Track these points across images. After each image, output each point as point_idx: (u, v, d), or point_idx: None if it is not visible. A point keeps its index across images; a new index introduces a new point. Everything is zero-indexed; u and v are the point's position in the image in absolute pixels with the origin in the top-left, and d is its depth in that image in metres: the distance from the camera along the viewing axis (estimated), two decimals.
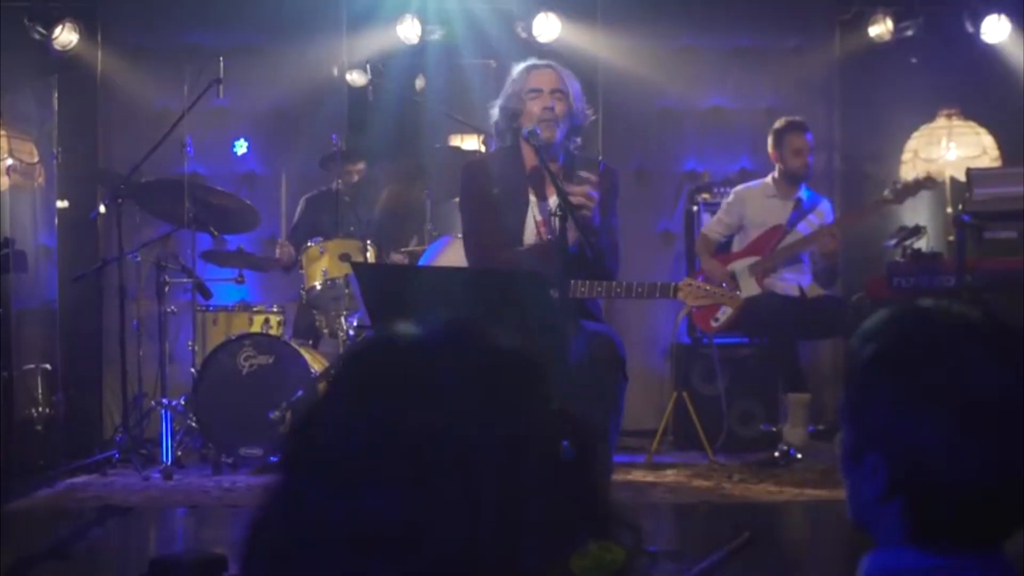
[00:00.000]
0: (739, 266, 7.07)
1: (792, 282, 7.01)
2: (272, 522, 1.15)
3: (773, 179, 7.23)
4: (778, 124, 7.23)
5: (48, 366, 7.52)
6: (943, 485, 1.49)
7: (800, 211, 7.12)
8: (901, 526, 1.52)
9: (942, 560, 1.50)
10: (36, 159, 7.89)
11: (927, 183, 7.07)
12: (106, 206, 7.23)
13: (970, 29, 8.30)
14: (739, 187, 7.41)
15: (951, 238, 7.48)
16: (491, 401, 1.13)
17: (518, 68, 5.16)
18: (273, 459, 6.69)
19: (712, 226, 7.38)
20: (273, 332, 7.23)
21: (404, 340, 1.18)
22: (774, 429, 7.12)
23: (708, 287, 4.89)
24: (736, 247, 7.25)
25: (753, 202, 7.22)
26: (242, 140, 7.92)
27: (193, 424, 6.99)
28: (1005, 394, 1.48)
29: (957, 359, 1.50)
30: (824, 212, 7.22)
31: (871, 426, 1.55)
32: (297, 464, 1.16)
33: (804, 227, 7.09)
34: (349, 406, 1.15)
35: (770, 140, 7.24)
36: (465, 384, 1.13)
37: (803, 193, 7.18)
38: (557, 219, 4.53)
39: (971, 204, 7.08)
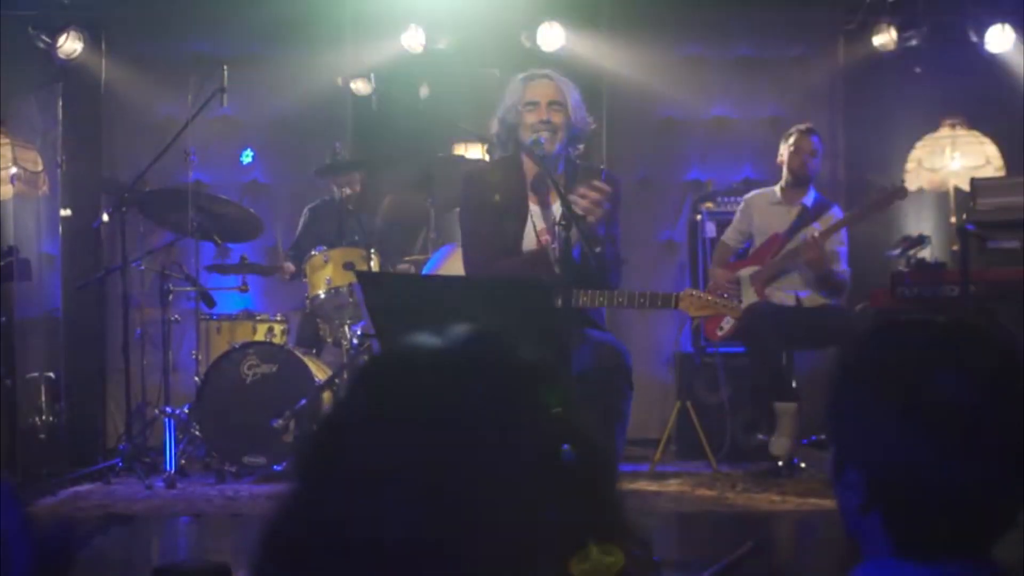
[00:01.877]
0: (743, 274, 7.07)
1: (790, 291, 6.99)
2: (287, 530, 1.15)
3: (781, 187, 7.21)
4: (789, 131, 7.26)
5: (51, 374, 7.53)
6: (917, 496, 1.50)
7: (804, 218, 7.07)
8: (884, 537, 1.52)
9: (926, 570, 1.50)
10: (40, 167, 7.90)
11: (898, 195, 7.02)
12: (110, 215, 7.23)
13: (974, 39, 8.30)
14: (749, 194, 7.40)
15: (955, 248, 7.47)
16: (513, 413, 1.13)
17: (515, 79, 5.17)
18: (277, 468, 6.69)
19: (729, 233, 7.38)
20: (277, 341, 7.23)
21: (425, 351, 1.18)
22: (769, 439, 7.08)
23: (710, 297, 4.88)
24: (749, 255, 7.26)
25: (759, 209, 7.22)
26: (248, 150, 7.92)
27: (196, 433, 6.99)
28: (974, 405, 1.48)
29: (925, 373, 1.51)
30: (833, 218, 7.14)
31: (847, 439, 1.57)
32: (316, 473, 1.16)
33: (807, 235, 7.04)
34: (370, 417, 1.15)
35: (780, 146, 7.25)
36: (487, 396, 1.13)
37: (809, 200, 7.15)
38: (561, 228, 4.53)
39: (975, 214, 7.07)
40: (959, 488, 1.48)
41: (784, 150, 7.17)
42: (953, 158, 8.24)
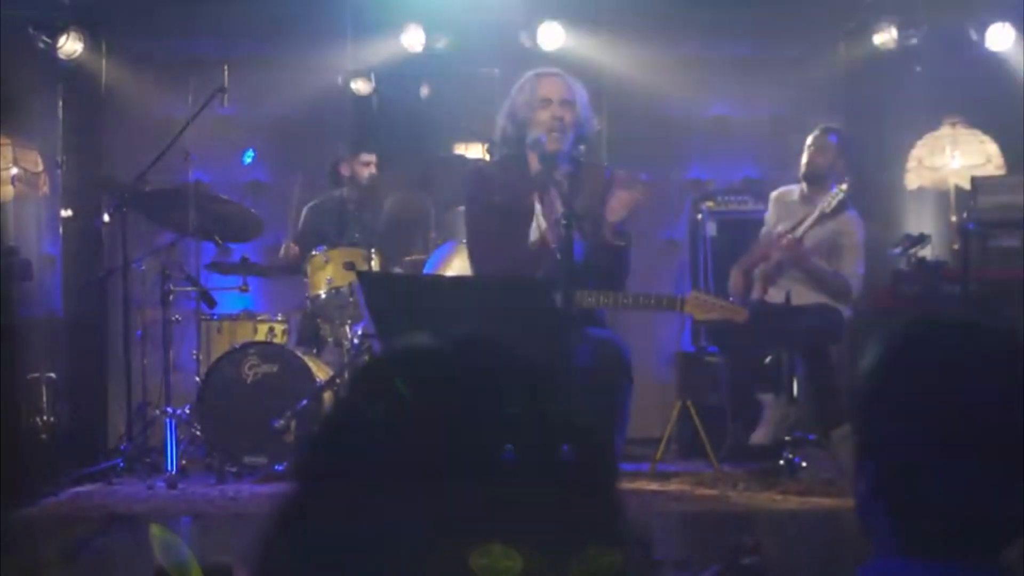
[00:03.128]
0: (757, 272, 7.02)
1: (783, 289, 6.95)
2: (288, 531, 1.15)
3: (803, 183, 7.14)
4: None
5: (52, 375, 7.52)
6: (924, 495, 1.49)
7: (816, 218, 7.00)
8: (889, 529, 1.53)
9: (928, 570, 1.50)
10: (40, 168, 7.91)
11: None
12: (110, 215, 7.23)
13: (975, 37, 8.30)
14: (775, 191, 7.32)
15: (956, 246, 7.47)
16: (511, 410, 1.13)
17: (526, 76, 5.15)
18: (278, 468, 6.69)
19: (763, 231, 7.29)
20: (277, 341, 7.23)
21: (425, 352, 1.18)
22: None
23: (715, 301, 4.87)
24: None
25: (777, 207, 7.15)
26: (249, 150, 7.92)
27: (197, 433, 6.98)
28: (989, 410, 1.49)
29: (945, 374, 1.51)
30: (847, 221, 7.00)
31: (865, 433, 1.57)
32: (317, 473, 1.16)
33: (818, 235, 6.96)
34: (371, 418, 1.15)
35: None
36: (487, 396, 1.14)
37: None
38: (563, 227, 4.53)
39: (976, 212, 7.07)
40: (973, 489, 1.48)
41: (805, 146, 7.12)
42: (954, 156, 8.23)
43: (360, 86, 8.04)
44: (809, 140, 7.12)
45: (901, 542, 1.52)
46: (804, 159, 7.08)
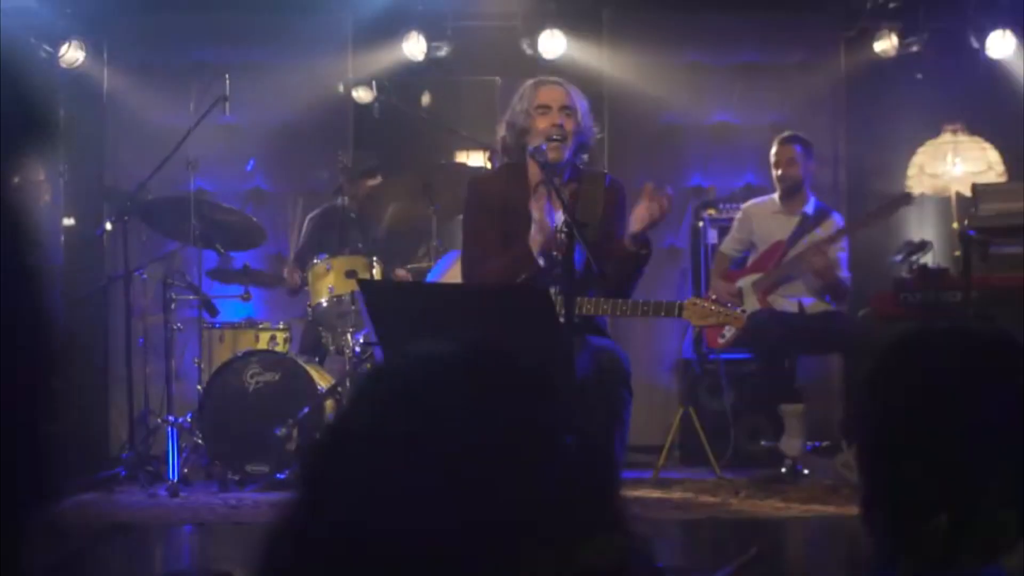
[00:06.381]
0: (745, 283, 7.09)
1: (793, 299, 6.99)
2: (290, 539, 1.15)
3: (779, 196, 7.22)
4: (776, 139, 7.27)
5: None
6: (925, 501, 1.49)
7: (805, 226, 7.08)
8: (892, 538, 1.53)
9: None
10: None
11: (903, 201, 7.13)
12: (112, 223, 7.23)
13: (975, 44, 8.30)
14: (747, 203, 7.41)
15: (957, 253, 7.47)
16: (514, 420, 1.14)
17: (526, 84, 5.15)
18: (280, 476, 6.69)
19: (728, 243, 7.44)
20: (279, 349, 7.23)
21: (427, 360, 1.19)
22: (775, 444, 7.07)
23: (713, 307, 4.86)
24: (749, 263, 7.27)
25: (759, 218, 7.23)
26: (252, 159, 7.92)
27: (199, 441, 6.98)
28: (989, 415, 1.49)
29: (946, 380, 1.52)
30: (833, 225, 7.14)
31: (862, 441, 1.57)
32: (319, 482, 1.17)
33: (808, 242, 7.05)
34: (373, 426, 1.15)
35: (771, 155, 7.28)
36: (489, 404, 1.14)
37: (809, 207, 7.15)
38: (563, 235, 4.52)
39: (977, 219, 7.07)
40: (974, 494, 1.49)
41: (776, 162, 7.20)
42: (955, 163, 8.24)
43: (362, 94, 8.04)
44: (774, 153, 7.19)
45: (903, 548, 1.53)
46: (777, 173, 7.17)
